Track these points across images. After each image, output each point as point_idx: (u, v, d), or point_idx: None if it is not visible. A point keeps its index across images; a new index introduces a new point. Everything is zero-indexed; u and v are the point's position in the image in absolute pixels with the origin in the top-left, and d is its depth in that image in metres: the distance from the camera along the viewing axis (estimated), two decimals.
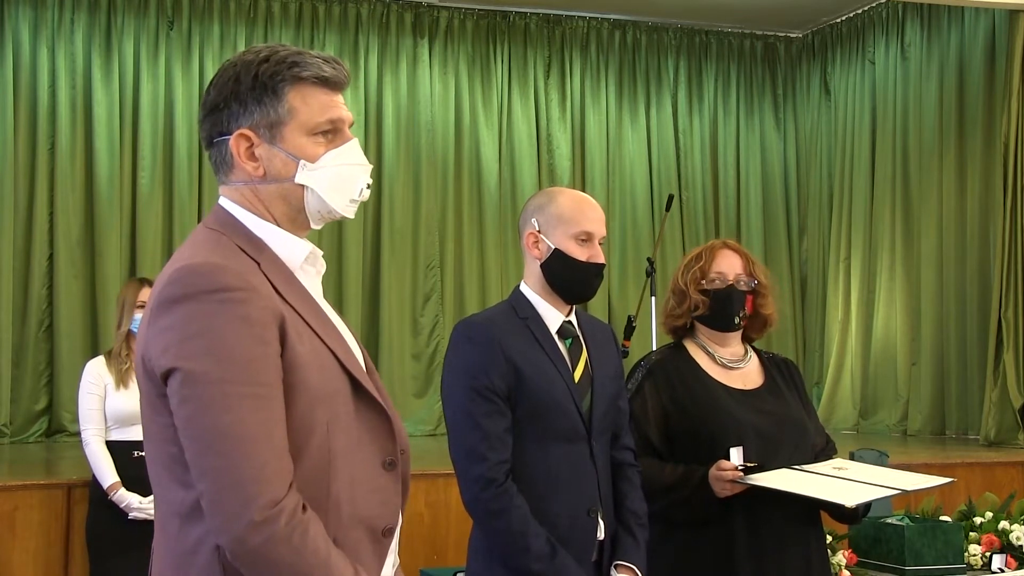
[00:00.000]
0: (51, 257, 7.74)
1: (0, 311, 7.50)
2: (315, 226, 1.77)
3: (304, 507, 1.57)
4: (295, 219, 1.74)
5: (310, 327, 1.66)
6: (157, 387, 1.60)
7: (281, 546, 1.53)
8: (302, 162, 1.70)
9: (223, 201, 1.75)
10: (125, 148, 7.95)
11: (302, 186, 1.71)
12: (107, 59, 7.99)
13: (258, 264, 1.66)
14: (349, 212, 1.76)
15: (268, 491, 1.53)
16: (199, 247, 1.66)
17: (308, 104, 1.70)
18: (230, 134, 1.70)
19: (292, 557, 1.54)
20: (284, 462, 1.57)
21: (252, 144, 1.70)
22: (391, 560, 1.76)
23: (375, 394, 1.72)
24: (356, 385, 1.69)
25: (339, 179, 1.73)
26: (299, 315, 1.66)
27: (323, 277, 1.81)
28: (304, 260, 1.74)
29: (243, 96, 1.69)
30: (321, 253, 1.79)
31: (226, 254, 1.64)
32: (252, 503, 1.52)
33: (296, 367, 1.61)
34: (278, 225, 1.73)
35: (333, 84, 1.73)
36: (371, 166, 1.79)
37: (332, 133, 1.73)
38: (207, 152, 1.76)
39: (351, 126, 1.77)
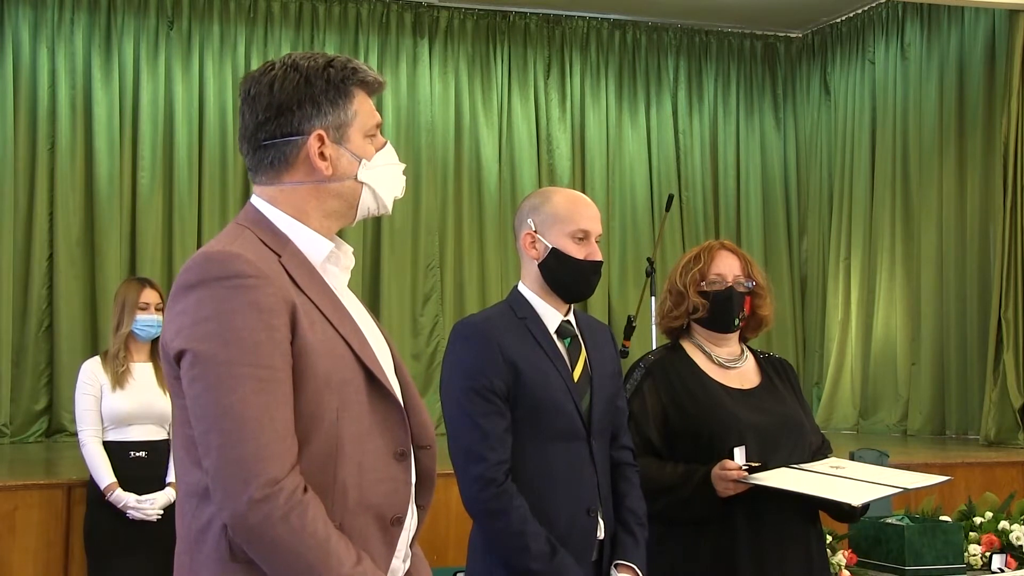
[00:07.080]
0: (51, 257, 7.74)
1: (0, 311, 7.51)
2: (355, 220, 1.85)
3: (305, 488, 1.60)
4: (344, 215, 1.82)
5: (325, 317, 1.71)
6: (173, 369, 1.66)
7: (279, 525, 1.56)
8: (363, 161, 1.80)
9: (255, 200, 1.80)
10: (125, 148, 7.96)
11: (361, 184, 1.80)
12: (107, 59, 7.99)
13: (279, 256, 1.72)
14: (390, 208, 1.86)
15: (268, 470, 1.57)
16: (221, 239, 1.73)
17: (363, 107, 1.80)
18: (301, 134, 1.75)
19: (289, 536, 1.57)
20: (287, 443, 1.61)
21: (322, 144, 1.76)
22: (403, 551, 1.78)
23: (389, 387, 1.75)
24: (371, 376, 1.73)
25: (389, 177, 1.84)
26: (314, 305, 1.70)
27: None
28: (326, 259, 1.78)
29: (317, 98, 1.75)
30: (351, 249, 1.85)
31: (245, 245, 1.70)
32: (252, 481, 1.56)
33: (305, 354, 1.65)
34: (307, 224, 1.78)
35: (376, 89, 1.84)
36: (404, 165, 1.88)
37: (374, 136, 1.83)
38: (252, 153, 1.79)
39: None
